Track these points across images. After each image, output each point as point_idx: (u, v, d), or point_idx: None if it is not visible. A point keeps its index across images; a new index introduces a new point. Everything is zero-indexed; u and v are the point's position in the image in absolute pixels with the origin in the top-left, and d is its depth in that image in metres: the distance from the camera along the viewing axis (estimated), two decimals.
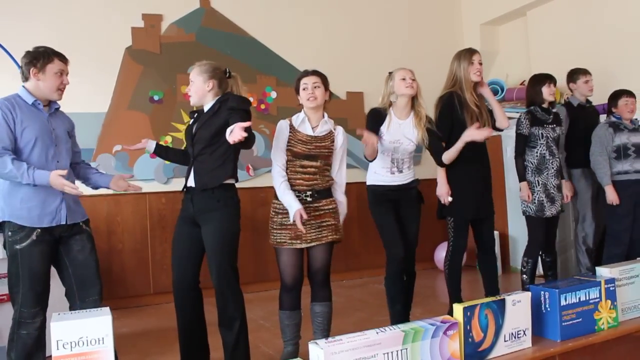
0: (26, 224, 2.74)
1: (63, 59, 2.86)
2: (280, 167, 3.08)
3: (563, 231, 5.23)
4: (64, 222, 2.81)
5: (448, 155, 3.40)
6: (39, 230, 2.75)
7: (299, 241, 3.05)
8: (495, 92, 5.60)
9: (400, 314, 3.39)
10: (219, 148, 2.93)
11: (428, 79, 3.80)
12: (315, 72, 3.17)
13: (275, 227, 3.08)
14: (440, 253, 5.84)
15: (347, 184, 3.26)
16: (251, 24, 5.56)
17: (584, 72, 4.57)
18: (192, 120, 3.09)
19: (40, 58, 2.80)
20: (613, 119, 4.29)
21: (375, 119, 3.37)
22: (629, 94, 4.26)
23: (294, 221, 2.96)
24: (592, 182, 4.49)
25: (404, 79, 3.34)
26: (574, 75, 4.60)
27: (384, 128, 3.36)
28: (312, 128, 3.11)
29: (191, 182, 2.95)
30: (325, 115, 3.18)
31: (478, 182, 3.58)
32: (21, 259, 2.73)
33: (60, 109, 2.97)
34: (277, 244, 3.08)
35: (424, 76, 4.23)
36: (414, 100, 3.40)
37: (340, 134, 3.18)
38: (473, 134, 3.27)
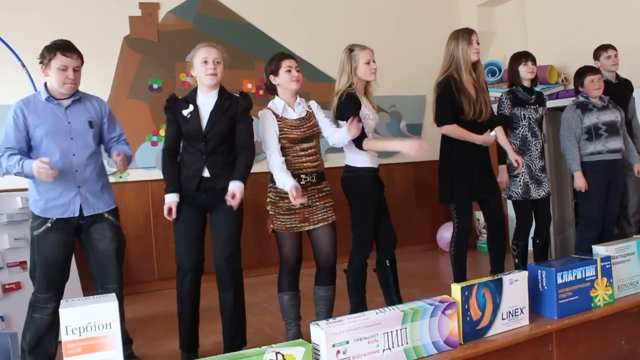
0: (40, 214, 2.86)
1: (68, 53, 2.86)
2: (277, 151, 3.02)
3: (562, 210, 5.26)
4: (77, 215, 2.88)
5: (371, 146, 3.20)
6: (54, 218, 2.85)
7: (306, 224, 3.08)
8: (492, 73, 5.61)
9: (364, 301, 3.32)
10: (230, 144, 3.03)
11: (425, 59, 3.80)
12: (293, 56, 3.18)
13: (282, 212, 3.06)
14: (442, 234, 5.89)
15: (340, 167, 3.28)
16: (248, 11, 5.55)
17: (606, 47, 4.41)
18: (187, 111, 2.98)
19: (46, 54, 2.87)
20: (581, 98, 4.12)
21: (356, 104, 3.20)
22: (594, 70, 4.11)
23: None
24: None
25: (368, 63, 3.25)
26: (597, 52, 4.46)
27: (364, 109, 3.24)
28: (293, 111, 3.12)
29: (205, 174, 2.97)
30: (297, 96, 3.18)
31: (478, 163, 3.55)
32: (37, 245, 2.87)
33: (82, 97, 2.99)
34: (286, 228, 3.07)
35: (421, 57, 4.27)
36: (369, 82, 3.33)
37: (315, 107, 3.19)
38: (406, 148, 3.10)
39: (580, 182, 4.02)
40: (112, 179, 4.95)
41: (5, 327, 3.39)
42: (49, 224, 2.86)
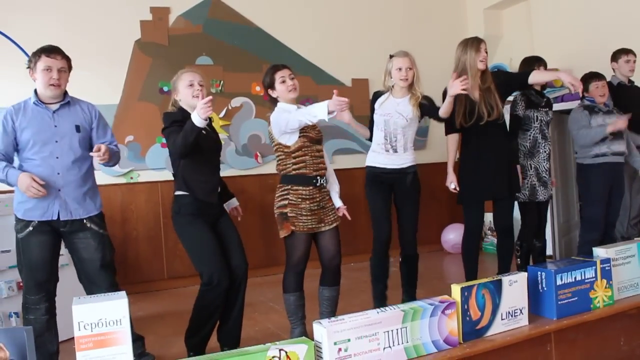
0: (22, 216, 2.89)
1: (52, 55, 2.89)
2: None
3: (567, 212, 5.29)
4: (55, 218, 2.88)
5: (443, 110, 3.39)
6: (36, 221, 2.87)
7: (322, 224, 3.17)
8: None
9: (382, 293, 3.54)
10: None
11: (432, 62, 3.84)
12: (285, 65, 3.25)
13: (304, 213, 3.09)
14: (447, 235, 5.92)
15: (353, 169, 3.36)
16: (257, 14, 5.62)
17: (627, 51, 4.47)
18: (204, 129, 2.95)
19: (32, 59, 2.92)
20: (587, 101, 4.16)
21: (373, 99, 3.60)
22: (599, 77, 4.15)
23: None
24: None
25: (399, 69, 3.43)
26: (616, 54, 4.50)
27: (377, 104, 3.53)
28: None
29: (218, 189, 3.15)
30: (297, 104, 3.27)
31: (489, 164, 3.58)
32: (22, 248, 2.90)
33: (71, 102, 3.01)
34: (307, 229, 3.11)
35: (428, 60, 4.31)
36: (410, 86, 3.48)
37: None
38: (454, 85, 3.26)
39: (619, 123, 3.95)
40: (123, 180, 5.08)
41: (20, 322, 3.48)
42: (31, 228, 2.87)
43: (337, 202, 3.29)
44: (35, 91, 2.95)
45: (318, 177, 3.13)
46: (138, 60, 5.18)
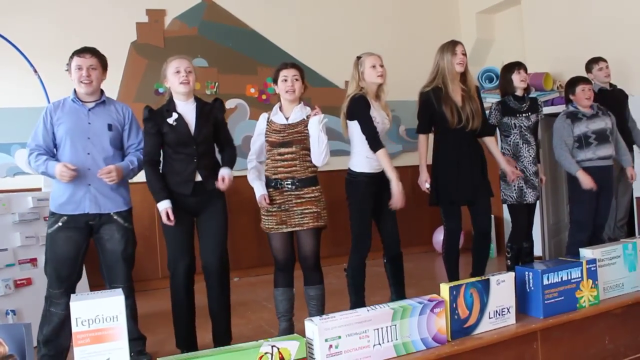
0: (55, 210, 3.03)
1: (82, 54, 3.06)
2: (253, 155, 3.29)
3: (556, 214, 5.36)
4: (87, 211, 3.02)
5: (380, 157, 3.31)
6: (65, 217, 3.00)
7: (284, 226, 3.22)
8: (490, 80, 5.70)
9: (362, 299, 3.45)
10: (212, 147, 3.24)
11: (424, 65, 3.86)
12: (294, 65, 3.29)
13: (264, 213, 3.26)
14: (438, 236, 5.97)
15: (345, 170, 3.38)
16: (251, 17, 5.67)
17: (597, 60, 4.55)
18: (172, 119, 3.08)
19: (69, 61, 3.08)
20: (571, 108, 4.21)
21: (365, 104, 3.33)
22: (586, 81, 4.21)
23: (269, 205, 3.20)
24: (616, 167, 4.46)
25: (374, 67, 3.38)
26: (589, 65, 4.61)
27: (373, 112, 3.36)
28: (286, 117, 3.25)
29: (197, 177, 3.11)
30: (302, 102, 3.30)
31: (465, 166, 3.60)
32: (50, 242, 3.03)
33: (106, 101, 3.15)
34: (266, 229, 3.27)
35: (420, 63, 4.36)
36: (379, 86, 3.45)
37: (314, 120, 3.18)
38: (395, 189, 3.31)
39: (586, 180, 4.02)
40: None
41: (17, 320, 3.52)
42: (60, 223, 3.00)
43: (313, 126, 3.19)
44: (75, 90, 3.10)
45: (278, 180, 3.20)
46: (134, 62, 5.23)
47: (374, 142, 3.30)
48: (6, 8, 4.78)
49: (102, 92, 3.15)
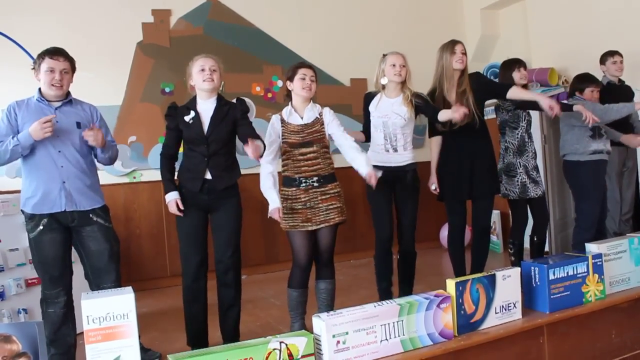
0: (32, 211, 2.96)
1: (55, 57, 2.98)
2: (269, 156, 3.23)
3: (563, 209, 5.34)
4: (64, 209, 2.96)
5: (443, 117, 3.41)
6: (45, 219, 2.95)
7: (309, 224, 3.22)
8: (495, 76, 5.69)
9: (386, 290, 3.59)
10: (231, 148, 3.23)
11: (429, 62, 3.88)
12: (311, 66, 3.36)
13: (285, 211, 3.22)
14: (445, 232, 5.98)
15: (352, 167, 3.40)
16: (256, 15, 5.70)
17: (613, 53, 4.56)
18: (189, 117, 3.14)
19: (37, 60, 3.02)
20: (579, 99, 4.18)
21: (366, 102, 3.66)
22: (596, 83, 4.22)
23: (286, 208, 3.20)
24: (619, 160, 4.52)
25: (393, 66, 3.50)
26: (603, 57, 4.60)
27: (372, 107, 3.59)
28: (301, 117, 3.27)
29: (207, 176, 3.13)
30: (311, 102, 3.33)
31: (467, 162, 3.65)
32: (34, 248, 2.99)
33: (73, 101, 3.10)
34: (289, 227, 3.24)
35: (425, 60, 4.35)
36: (402, 84, 3.55)
37: (327, 114, 3.30)
38: (458, 111, 3.30)
39: (633, 139, 4.10)
40: (126, 180, 5.16)
41: (28, 318, 3.56)
42: (41, 226, 2.95)
43: (363, 170, 3.21)
44: (40, 90, 3.04)
45: (302, 179, 3.21)
46: (140, 62, 5.26)
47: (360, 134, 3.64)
48: (13, 9, 4.83)
49: (68, 92, 3.10)
